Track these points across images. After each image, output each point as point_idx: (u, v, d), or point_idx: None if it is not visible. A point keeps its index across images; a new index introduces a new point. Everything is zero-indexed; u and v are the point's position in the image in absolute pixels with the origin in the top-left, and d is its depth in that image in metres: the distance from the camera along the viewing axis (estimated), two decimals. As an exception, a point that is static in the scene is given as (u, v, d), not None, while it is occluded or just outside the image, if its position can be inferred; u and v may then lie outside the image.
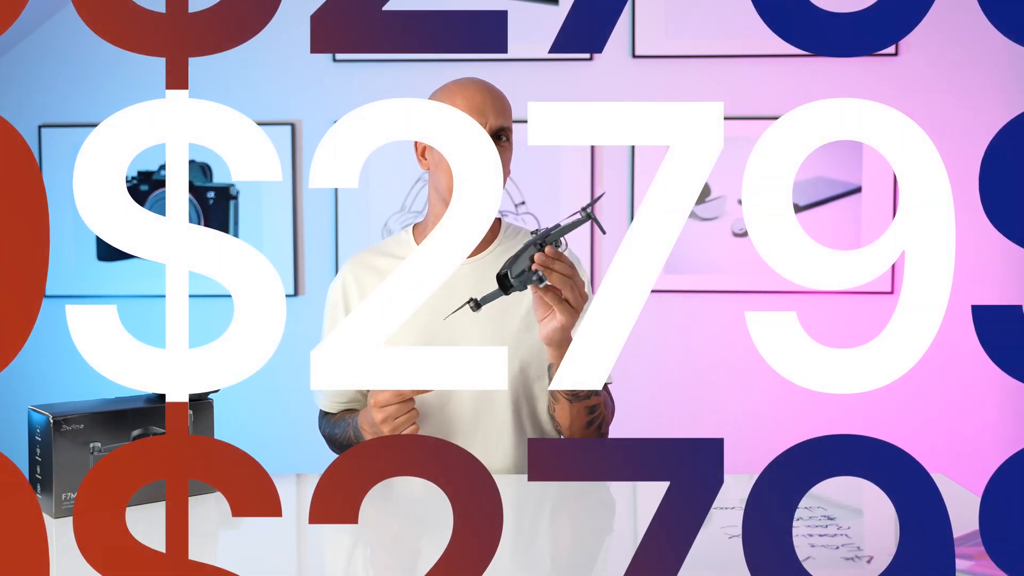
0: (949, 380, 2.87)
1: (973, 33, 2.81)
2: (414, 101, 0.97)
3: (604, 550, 1.26)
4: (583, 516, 1.41)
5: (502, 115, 1.58)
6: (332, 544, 1.30)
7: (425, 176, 2.89)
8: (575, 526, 1.36)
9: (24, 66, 2.93)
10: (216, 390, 1.45)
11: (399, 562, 1.23)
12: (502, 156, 1.58)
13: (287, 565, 1.21)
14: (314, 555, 1.26)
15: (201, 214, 2.91)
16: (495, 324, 1.63)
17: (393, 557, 1.24)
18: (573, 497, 1.47)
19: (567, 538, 1.31)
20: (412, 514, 1.41)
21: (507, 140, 1.60)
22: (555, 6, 2.84)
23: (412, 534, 1.34)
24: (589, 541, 1.30)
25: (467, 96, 1.57)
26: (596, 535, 1.33)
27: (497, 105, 1.58)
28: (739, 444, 2.91)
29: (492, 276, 1.65)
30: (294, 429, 2.95)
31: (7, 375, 2.99)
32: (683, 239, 2.86)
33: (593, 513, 1.43)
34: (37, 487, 1.37)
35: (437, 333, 1.59)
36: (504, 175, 1.60)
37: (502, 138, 1.58)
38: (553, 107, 0.96)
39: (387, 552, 1.27)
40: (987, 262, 2.85)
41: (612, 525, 1.39)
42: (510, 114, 1.61)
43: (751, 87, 2.85)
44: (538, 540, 1.30)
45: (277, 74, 2.91)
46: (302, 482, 1.57)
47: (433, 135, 0.96)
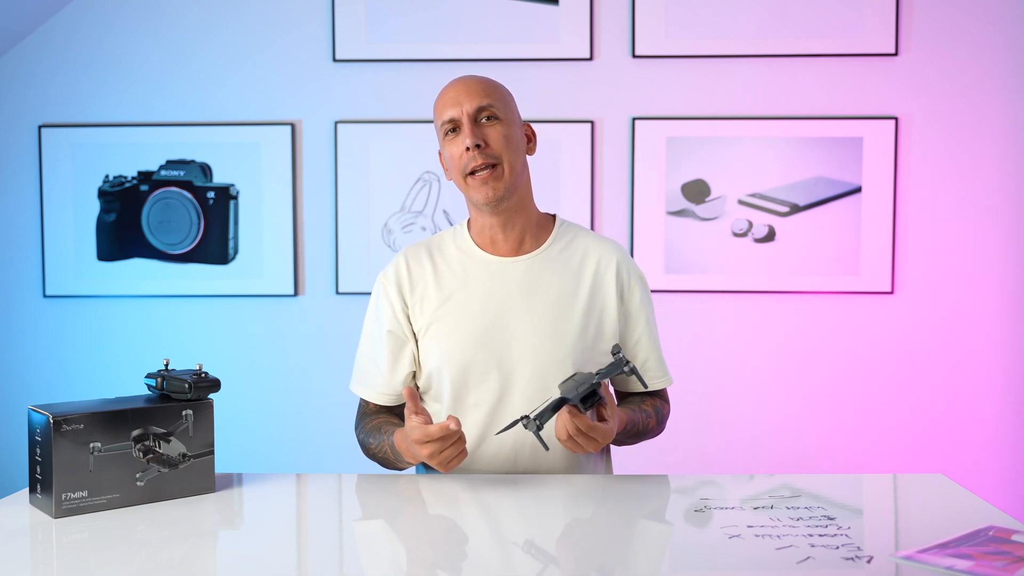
0: (949, 380, 2.87)
1: (973, 33, 2.81)
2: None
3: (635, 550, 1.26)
4: (575, 517, 1.41)
5: (477, 96, 1.57)
6: (332, 544, 1.30)
7: (425, 176, 2.89)
8: (567, 525, 1.36)
9: (24, 66, 2.93)
10: (216, 390, 1.46)
11: (399, 562, 1.23)
12: (489, 133, 1.57)
13: (287, 565, 1.21)
14: (314, 555, 1.26)
15: (201, 214, 2.91)
16: (551, 325, 1.60)
17: (393, 557, 1.24)
18: (621, 498, 1.47)
19: (559, 536, 1.31)
20: (413, 514, 1.41)
21: (494, 118, 1.58)
22: (555, 6, 2.84)
23: (413, 534, 1.34)
24: (578, 539, 1.30)
25: (445, 93, 1.61)
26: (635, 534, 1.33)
27: (471, 89, 1.58)
28: (739, 444, 2.91)
29: (544, 276, 1.63)
30: (294, 429, 2.95)
31: (7, 375, 2.99)
32: (683, 239, 2.86)
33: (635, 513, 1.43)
34: (37, 487, 1.37)
35: (492, 337, 1.59)
36: (511, 150, 1.58)
37: (487, 118, 1.57)
38: None
39: (387, 552, 1.27)
40: (987, 262, 2.85)
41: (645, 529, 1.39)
42: (492, 92, 1.59)
43: (751, 87, 2.85)
44: (529, 539, 1.30)
45: (277, 74, 2.91)
46: (302, 482, 1.56)
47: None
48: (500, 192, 1.57)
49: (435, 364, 1.62)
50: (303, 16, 2.91)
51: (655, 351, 1.72)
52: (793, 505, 1.39)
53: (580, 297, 1.62)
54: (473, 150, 1.55)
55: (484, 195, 1.57)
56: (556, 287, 1.62)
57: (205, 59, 2.93)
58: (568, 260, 1.65)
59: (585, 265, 1.65)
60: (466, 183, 1.58)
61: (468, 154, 1.56)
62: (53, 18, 2.92)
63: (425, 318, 1.63)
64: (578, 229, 1.72)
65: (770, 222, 2.85)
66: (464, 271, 1.64)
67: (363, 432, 1.66)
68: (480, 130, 1.57)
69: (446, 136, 1.60)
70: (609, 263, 1.66)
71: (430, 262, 1.66)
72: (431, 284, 1.64)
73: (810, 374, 2.89)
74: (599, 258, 1.66)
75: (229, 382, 1.74)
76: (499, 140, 1.57)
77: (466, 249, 1.66)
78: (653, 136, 2.85)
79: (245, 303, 2.95)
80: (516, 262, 1.64)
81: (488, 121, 1.58)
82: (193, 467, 1.44)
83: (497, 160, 1.57)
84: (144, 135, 2.91)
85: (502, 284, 1.62)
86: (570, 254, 1.66)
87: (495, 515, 1.38)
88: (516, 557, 1.22)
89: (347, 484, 1.56)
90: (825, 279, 2.85)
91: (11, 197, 2.96)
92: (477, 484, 1.51)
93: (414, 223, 2.88)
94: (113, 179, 2.92)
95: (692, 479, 1.61)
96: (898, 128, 2.82)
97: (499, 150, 1.57)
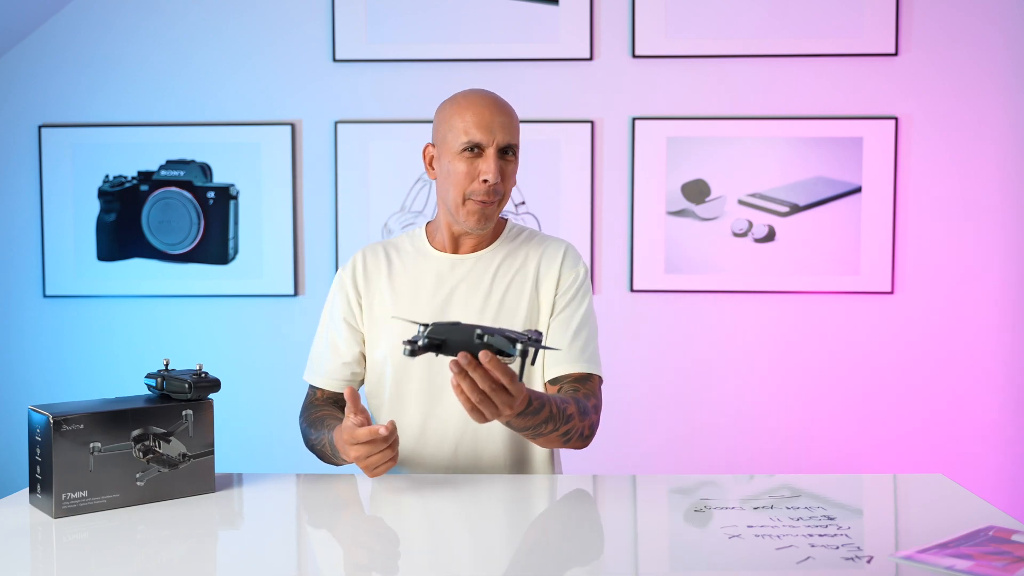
0: (949, 380, 2.87)
1: (973, 33, 2.81)
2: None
3: (596, 548, 1.26)
4: (575, 517, 1.41)
5: (509, 132, 1.61)
6: (332, 544, 1.30)
7: (425, 176, 2.89)
8: (567, 525, 1.36)
9: (24, 66, 2.93)
10: (216, 390, 1.46)
11: (400, 561, 1.23)
12: (506, 170, 1.62)
13: (287, 565, 1.21)
14: (314, 555, 1.26)
15: (201, 214, 2.91)
16: (493, 320, 1.65)
17: (394, 556, 1.24)
18: (569, 498, 1.47)
19: (559, 536, 1.31)
20: (413, 513, 1.41)
21: (513, 155, 1.63)
22: (555, 6, 2.84)
23: (414, 533, 1.34)
24: (579, 540, 1.30)
25: (476, 112, 1.60)
26: (589, 534, 1.33)
27: (505, 122, 1.61)
28: (739, 444, 2.91)
29: (491, 271, 1.68)
30: (294, 429, 2.95)
31: (7, 375, 2.99)
32: (683, 239, 2.86)
33: (587, 515, 1.43)
34: (37, 487, 1.37)
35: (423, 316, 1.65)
36: (510, 186, 1.65)
37: (508, 153, 1.62)
38: None
39: (388, 551, 1.27)
40: (987, 262, 2.85)
41: (605, 524, 1.39)
42: (517, 131, 1.64)
43: (751, 87, 2.85)
44: (532, 539, 1.30)
45: (277, 74, 2.91)
46: (302, 482, 1.57)
47: None
48: (490, 223, 1.65)
49: (380, 355, 1.68)
50: (303, 16, 2.91)
51: (577, 338, 1.65)
52: (793, 505, 1.39)
53: (525, 291, 1.67)
54: (491, 184, 1.59)
55: (476, 222, 1.63)
56: (502, 281, 1.68)
57: (205, 59, 2.93)
58: (514, 256, 1.71)
59: (528, 261, 1.70)
60: (464, 204, 1.62)
61: (485, 186, 1.59)
62: (53, 18, 2.92)
63: (376, 311, 1.70)
64: (528, 230, 1.78)
65: (770, 222, 2.85)
66: (416, 268, 1.71)
67: (306, 423, 1.71)
68: (500, 164, 1.61)
69: (462, 151, 1.60)
70: (553, 257, 1.71)
71: (386, 259, 1.74)
72: (384, 279, 1.71)
73: (810, 374, 2.89)
74: (542, 253, 1.71)
75: (229, 382, 1.74)
76: (510, 178, 1.65)
77: (421, 248, 1.73)
78: (653, 136, 2.85)
79: (245, 303, 2.95)
80: (464, 259, 1.70)
81: (508, 156, 1.63)
82: (193, 467, 1.44)
83: (501, 196, 1.63)
84: (144, 135, 2.91)
85: (450, 279, 1.69)
86: (515, 249, 1.72)
87: (497, 515, 1.38)
88: (517, 557, 1.22)
89: (347, 484, 1.56)
90: (825, 279, 2.85)
91: (11, 197, 2.96)
92: (468, 483, 1.52)
93: (414, 223, 2.88)
94: (113, 179, 2.92)
95: (692, 479, 1.61)
96: (898, 128, 2.82)
97: (507, 188, 1.63)
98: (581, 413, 1.55)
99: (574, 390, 1.61)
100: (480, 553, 1.23)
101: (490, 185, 1.59)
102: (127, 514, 1.36)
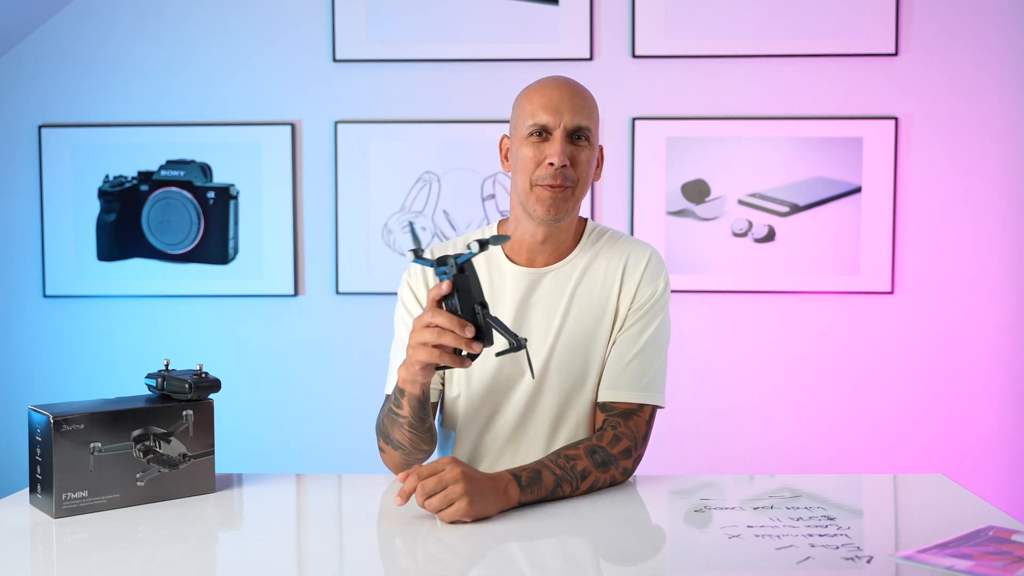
0: (949, 380, 2.87)
1: (973, 33, 2.81)
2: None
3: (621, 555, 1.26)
4: (575, 517, 1.41)
5: (579, 114, 1.52)
6: (332, 544, 1.30)
7: (425, 176, 2.89)
8: (567, 526, 1.36)
9: (24, 66, 2.93)
10: (216, 390, 1.46)
11: (401, 562, 1.23)
12: (577, 156, 1.52)
13: (287, 565, 1.21)
14: (314, 555, 1.26)
15: (201, 214, 2.91)
16: (581, 337, 1.58)
17: (394, 557, 1.24)
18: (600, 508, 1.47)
19: (559, 537, 1.31)
20: (414, 513, 1.41)
21: (586, 140, 1.53)
22: (555, 6, 2.84)
23: (414, 533, 1.34)
24: (579, 540, 1.30)
25: (544, 93, 1.53)
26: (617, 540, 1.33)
27: (575, 103, 1.52)
28: (739, 444, 2.91)
29: (569, 287, 1.57)
30: (294, 429, 2.95)
31: (7, 375, 2.99)
32: (683, 239, 2.86)
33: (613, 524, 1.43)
34: (37, 487, 1.37)
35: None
36: (588, 176, 1.55)
37: (580, 138, 1.53)
38: None
39: (388, 552, 1.27)
40: (987, 262, 2.85)
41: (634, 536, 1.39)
42: (591, 113, 1.54)
43: (751, 87, 2.85)
44: (531, 539, 1.30)
45: (277, 74, 2.91)
46: (302, 482, 1.57)
47: None
48: (562, 213, 1.53)
49: (458, 376, 1.59)
50: (303, 16, 2.91)
51: (638, 360, 1.57)
52: (793, 505, 1.39)
53: (607, 309, 1.58)
54: (559, 168, 1.50)
55: (546, 211, 1.52)
56: (581, 299, 1.58)
57: (205, 59, 2.93)
58: (594, 268, 1.60)
59: (610, 273, 1.60)
60: (532, 191, 1.53)
61: (551, 169, 1.50)
62: (53, 18, 2.92)
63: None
64: (610, 232, 1.66)
65: (770, 222, 2.85)
66: (490, 282, 1.60)
67: (379, 418, 1.59)
68: (569, 148, 1.52)
69: (529, 136, 1.52)
70: (635, 266, 1.60)
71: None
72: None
73: (810, 374, 2.89)
74: (625, 262, 1.60)
75: (229, 382, 1.74)
76: (583, 165, 1.53)
77: (496, 261, 1.61)
78: (653, 136, 2.85)
79: (245, 303, 2.95)
80: (542, 275, 1.59)
81: (579, 141, 1.53)
82: (193, 467, 1.44)
83: (574, 184, 1.52)
84: (144, 135, 2.91)
85: (527, 296, 1.58)
86: (594, 259, 1.61)
87: (500, 514, 1.38)
88: (519, 557, 1.22)
89: (347, 484, 1.56)
90: (825, 279, 2.85)
91: (11, 197, 2.96)
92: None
93: (414, 223, 2.88)
94: (113, 179, 2.92)
95: (692, 479, 1.61)
96: (898, 128, 2.82)
97: (579, 175, 1.53)
98: (600, 465, 1.47)
99: (612, 427, 1.52)
100: (478, 553, 1.23)
101: (556, 168, 1.49)
102: (127, 514, 1.36)
